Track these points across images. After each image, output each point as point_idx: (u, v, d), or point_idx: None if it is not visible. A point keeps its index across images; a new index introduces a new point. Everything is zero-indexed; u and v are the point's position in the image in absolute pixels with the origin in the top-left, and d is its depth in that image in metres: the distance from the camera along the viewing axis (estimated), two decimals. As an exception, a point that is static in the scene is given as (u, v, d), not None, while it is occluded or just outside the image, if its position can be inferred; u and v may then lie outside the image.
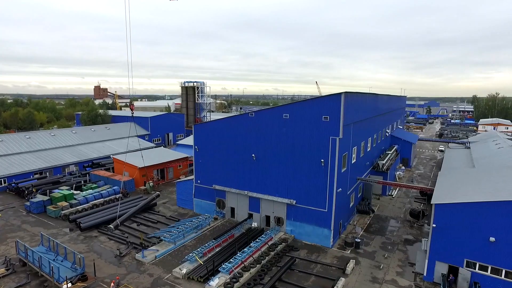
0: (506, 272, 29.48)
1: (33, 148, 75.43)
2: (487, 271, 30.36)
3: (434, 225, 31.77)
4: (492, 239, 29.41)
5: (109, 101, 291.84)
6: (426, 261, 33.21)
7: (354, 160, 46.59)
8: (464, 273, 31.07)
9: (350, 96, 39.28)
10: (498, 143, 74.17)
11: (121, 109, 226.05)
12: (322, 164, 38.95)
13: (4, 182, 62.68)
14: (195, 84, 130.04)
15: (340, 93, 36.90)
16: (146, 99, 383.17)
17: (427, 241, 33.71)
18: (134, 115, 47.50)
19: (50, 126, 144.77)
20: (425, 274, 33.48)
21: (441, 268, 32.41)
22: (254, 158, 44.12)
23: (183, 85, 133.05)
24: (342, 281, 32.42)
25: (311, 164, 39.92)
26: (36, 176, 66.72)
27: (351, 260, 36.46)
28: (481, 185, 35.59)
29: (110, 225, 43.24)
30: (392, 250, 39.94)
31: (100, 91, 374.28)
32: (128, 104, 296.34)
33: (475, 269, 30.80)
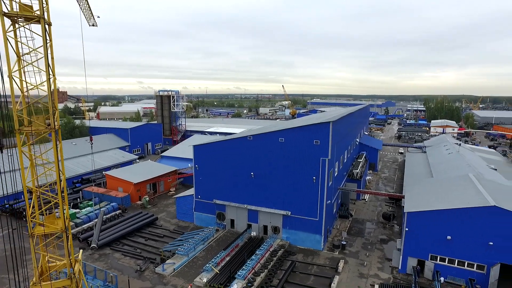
0: (458, 261, 38.70)
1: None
2: (445, 262, 39.39)
3: (407, 229, 40.23)
4: (448, 237, 38.37)
5: (70, 105, 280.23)
6: (401, 257, 41.71)
7: (336, 173, 54.47)
8: (429, 264, 39.90)
9: (335, 123, 46.74)
10: (448, 148, 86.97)
11: (86, 114, 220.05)
12: (314, 181, 46.14)
13: (-6, 204, 62.55)
14: (170, 93, 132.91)
15: (329, 122, 44.27)
16: (109, 103, 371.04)
17: (401, 241, 42.21)
18: (111, 126, 50.70)
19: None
20: (400, 268, 41.98)
21: (412, 262, 41.04)
22: (253, 176, 50.27)
23: (158, 93, 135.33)
24: (336, 278, 39.83)
25: (304, 181, 46.94)
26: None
27: (341, 260, 44.06)
28: (439, 194, 44.88)
29: (93, 245, 46.97)
30: (372, 249, 48.24)
31: (58, 94, 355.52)
32: (91, 108, 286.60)
33: (437, 261, 39.72)
